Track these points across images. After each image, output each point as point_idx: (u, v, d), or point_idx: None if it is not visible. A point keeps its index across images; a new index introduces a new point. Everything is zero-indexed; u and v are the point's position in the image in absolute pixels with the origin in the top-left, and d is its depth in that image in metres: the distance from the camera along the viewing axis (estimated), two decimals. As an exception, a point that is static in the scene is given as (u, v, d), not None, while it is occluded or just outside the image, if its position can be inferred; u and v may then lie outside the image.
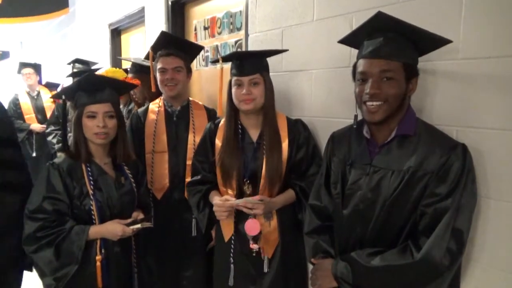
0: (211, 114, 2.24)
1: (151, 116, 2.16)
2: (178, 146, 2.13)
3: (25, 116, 4.51)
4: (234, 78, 1.70)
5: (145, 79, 2.39)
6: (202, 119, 2.18)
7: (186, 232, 2.09)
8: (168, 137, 2.12)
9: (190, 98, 2.27)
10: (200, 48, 2.33)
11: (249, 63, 1.68)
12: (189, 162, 2.07)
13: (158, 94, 2.24)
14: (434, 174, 1.17)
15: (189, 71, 2.18)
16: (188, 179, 1.99)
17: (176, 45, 2.14)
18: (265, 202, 1.65)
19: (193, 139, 2.12)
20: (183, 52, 2.15)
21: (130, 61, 2.78)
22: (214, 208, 1.70)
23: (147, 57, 2.28)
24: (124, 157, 1.74)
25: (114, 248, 1.67)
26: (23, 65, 4.66)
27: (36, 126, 4.45)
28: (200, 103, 2.30)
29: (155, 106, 2.20)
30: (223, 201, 1.68)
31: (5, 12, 4.65)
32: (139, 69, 2.61)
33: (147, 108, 2.21)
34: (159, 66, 2.09)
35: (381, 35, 1.20)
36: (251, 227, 1.64)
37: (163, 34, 2.14)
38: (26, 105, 4.55)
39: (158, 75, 2.11)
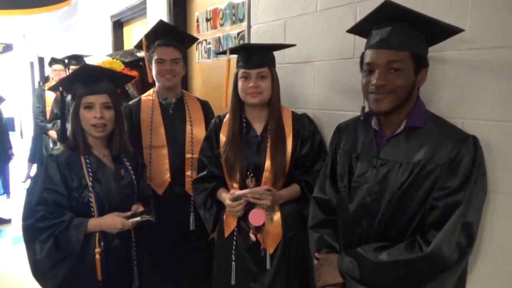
0: (205, 106, 2.21)
1: (146, 110, 2.10)
2: (177, 139, 2.09)
3: (47, 108, 4.67)
4: (241, 71, 1.67)
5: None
6: (198, 111, 2.15)
7: (186, 225, 2.07)
8: (166, 131, 2.08)
9: (183, 91, 2.23)
10: (195, 39, 2.29)
11: (258, 56, 1.66)
12: (188, 155, 2.05)
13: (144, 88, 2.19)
14: (444, 167, 1.13)
15: (184, 63, 2.14)
16: (188, 173, 1.97)
17: (174, 35, 2.09)
18: (273, 192, 1.63)
19: (191, 132, 2.08)
20: (180, 43, 2.11)
21: (116, 58, 2.69)
22: (228, 209, 1.68)
23: (139, 46, 2.20)
24: (120, 149, 1.71)
25: (113, 241, 1.66)
26: (54, 60, 4.67)
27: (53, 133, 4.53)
28: (192, 95, 2.27)
29: (147, 99, 2.13)
30: (232, 194, 1.65)
31: (7, 4, 4.64)
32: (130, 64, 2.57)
33: (139, 100, 2.15)
34: (156, 56, 2.03)
35: (389, 24, 1.16)
36: (256, 217, 1.62)
37: (161, 23, 2.06)
38: (50, 99, 4.65)
39: (154, 66, 2.04)
